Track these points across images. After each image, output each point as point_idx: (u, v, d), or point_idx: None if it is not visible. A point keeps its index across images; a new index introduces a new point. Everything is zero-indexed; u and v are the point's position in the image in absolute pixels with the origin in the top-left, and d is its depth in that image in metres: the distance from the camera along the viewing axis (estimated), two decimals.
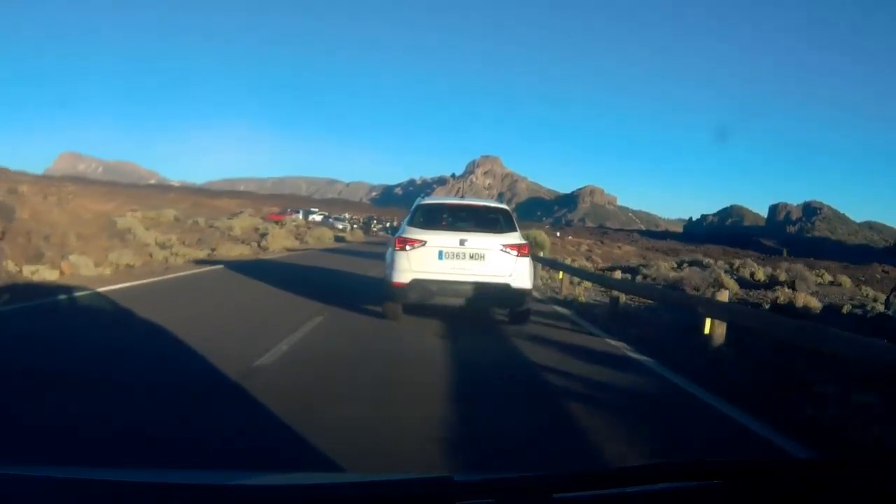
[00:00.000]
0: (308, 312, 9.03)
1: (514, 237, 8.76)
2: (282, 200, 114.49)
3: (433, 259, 8.41)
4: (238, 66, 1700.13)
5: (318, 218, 59.91)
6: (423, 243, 8.45)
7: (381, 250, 16.39)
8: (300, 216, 57.18)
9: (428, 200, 10.21)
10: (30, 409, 4.07)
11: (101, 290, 9.92)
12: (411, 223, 8.87)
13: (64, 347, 6.13)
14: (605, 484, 1.25)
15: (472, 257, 8.45)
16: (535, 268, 10.97)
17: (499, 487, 1.22)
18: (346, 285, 13.45)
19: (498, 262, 8.48)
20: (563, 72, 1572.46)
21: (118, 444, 3.52)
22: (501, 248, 8.53)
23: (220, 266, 15.93)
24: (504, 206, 9.95)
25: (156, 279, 12.30)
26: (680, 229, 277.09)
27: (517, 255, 8.56)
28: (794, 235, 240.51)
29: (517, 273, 8.52)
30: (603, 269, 25.84)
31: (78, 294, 9.44)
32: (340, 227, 53.85)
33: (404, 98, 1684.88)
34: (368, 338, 7.71)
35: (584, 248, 45.86)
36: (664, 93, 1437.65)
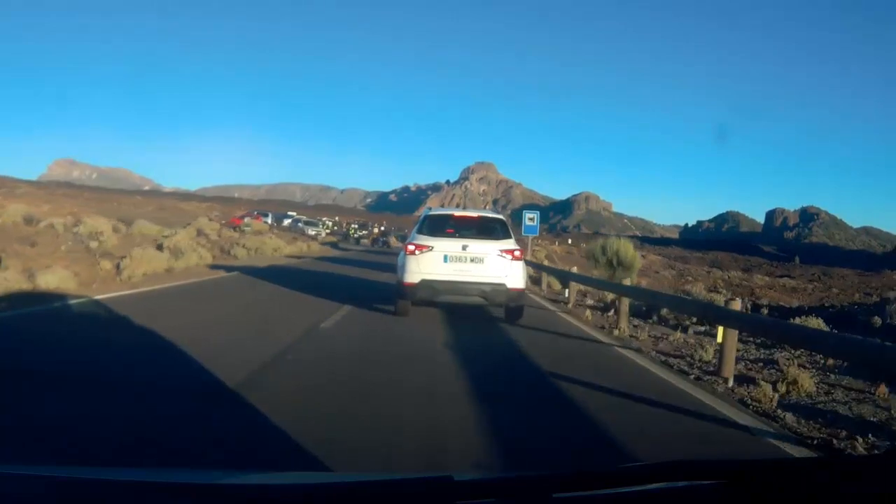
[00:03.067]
0: None
1: (510, 243, 9.67)
2: (274, 206, 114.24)
3: (439, 262, 9.38)
4: (235, 73, 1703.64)
5: (288, 222, 54.91)
6: (430, 248, 9.46)
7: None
8: (268, 219, 52.46)
9: (434, 212, 11.08)
10: None
11: None
12: (420, 231, 9.84)
13: None
14: (604, 484, 1.25)
15: (472, 261, 9.39)
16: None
17: (498, 487, 1.22)
18: None
19: (495, 265, 9.42)
20: (558, 78, 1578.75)
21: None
22: (498, 253, 9.46)
23: None
24: (501, 216, 10.89)
25: None
26: (676, 235, 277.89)
27: (511, 259, 9.50)
28: (792, 241, 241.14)
29: (512, 275, 9.45)
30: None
31: None
32: (312, 232, 48.37)
33: (399, 105, 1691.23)
34: None
35: None
36: (660, 100, 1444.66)
